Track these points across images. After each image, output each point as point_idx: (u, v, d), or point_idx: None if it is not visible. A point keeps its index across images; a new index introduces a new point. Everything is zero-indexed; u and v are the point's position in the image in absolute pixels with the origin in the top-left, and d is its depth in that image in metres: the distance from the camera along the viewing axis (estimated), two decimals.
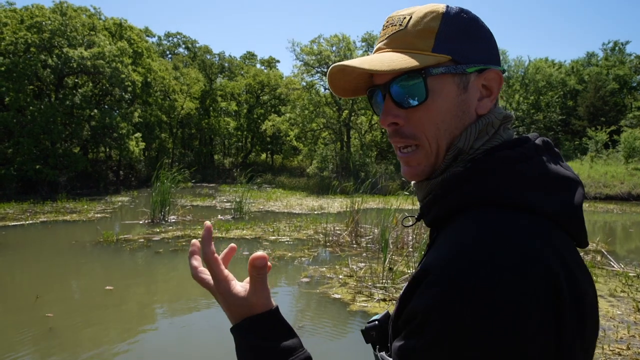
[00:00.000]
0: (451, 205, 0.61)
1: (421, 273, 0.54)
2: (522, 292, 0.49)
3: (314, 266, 7.06)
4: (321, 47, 27.10)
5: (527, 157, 0.60)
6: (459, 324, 0.49)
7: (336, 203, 16.52)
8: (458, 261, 0.52)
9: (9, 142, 20.54)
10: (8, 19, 22.51)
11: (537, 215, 0.56)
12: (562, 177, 0.60)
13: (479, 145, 0.64)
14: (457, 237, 0.55)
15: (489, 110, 0.65)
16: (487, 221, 0.55)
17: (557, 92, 36.75)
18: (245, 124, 39.00)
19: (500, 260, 0.50)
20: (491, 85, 0.66)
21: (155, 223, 11.46)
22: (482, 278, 0.49)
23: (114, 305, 5.35)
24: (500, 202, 0.57)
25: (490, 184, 0.58)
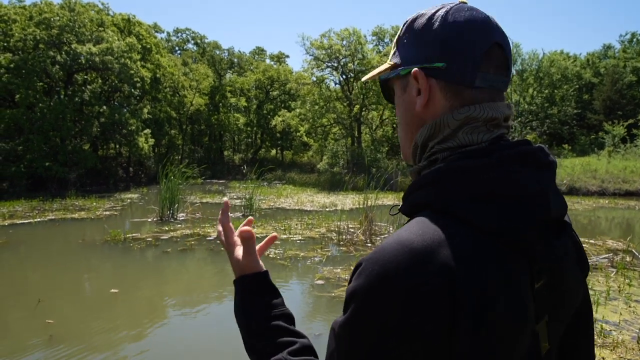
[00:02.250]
0: (411, 204, 0.65)
1: (359, 261, 0.59)
2: (398, 294, 0.53)
3: (328, 267, 6.73)
4: (331, 41, 26.64)
5: (482, 168, 0.60)
6: (350, 312, 0.57)
7: (348, 200, 16.17)
8: (371, 256, 0.57)
9: (20, 139, 20.49)
10: (17, 16, 22.45)
11: (475, 229, 0.57)
12: (516, 192, 0.59)
13: (433, 143, 0.67)
14: (393, 234, 0.59)
15: (423, 107, 0.68)
16: (417, 224, 0.58)
17: (572, 85, 35.89)
18: (255, 120, 38.71)
19: (392, 261, 0.54)
20: (419, 85, 0.68)
21: (164, 221, 11.23)
22: (372, 274, 0.55)
23: (118, 310, 5.08)
24: (441, 210, 0.59)
25: (437, 193, 0.61)
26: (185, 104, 34.05)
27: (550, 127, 34.46)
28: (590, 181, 20.65)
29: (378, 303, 0.54)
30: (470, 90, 0.66)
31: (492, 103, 0.66)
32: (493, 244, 0.57)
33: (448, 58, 0.65)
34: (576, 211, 14.14)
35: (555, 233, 0.64)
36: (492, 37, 0.66)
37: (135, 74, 24.38)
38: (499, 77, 0.67)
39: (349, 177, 23.31)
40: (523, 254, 0.59)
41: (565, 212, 0.67)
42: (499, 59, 0.67)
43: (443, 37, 0.66)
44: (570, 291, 0.68)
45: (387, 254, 0.55)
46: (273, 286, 0.84)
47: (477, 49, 0.65)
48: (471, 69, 0.65)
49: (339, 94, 28.13)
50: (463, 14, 0.66)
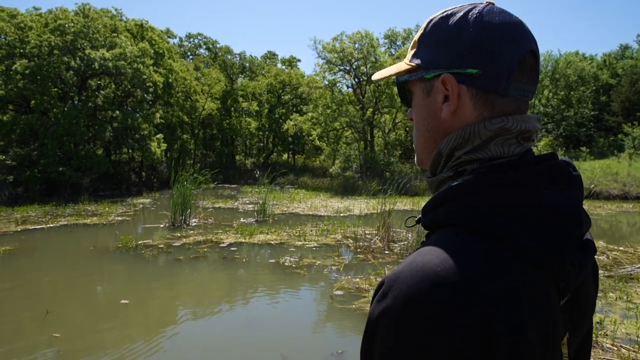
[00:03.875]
0: (434, 219, 0.62)
1: (381, 281, 0.56)
2: (424, 322, 0.50)
3: (347, 276, 6.45)
4: (344, 44, 26.42)
5: (514, 183, 0.57)
6: (373, 336, 0.54)
7: (362, 204, 15.86)
8: (396, 278, 0.53)
9: (34, 145, 20.59)
10: (33, 23, 22.64)
11: (504, 247, 0.54)
12: (548, 210, 0.56)
13: (460, 154, 0.64)
14: (417, 252, 0.56)
15: (451, 116, 0.64)
16: (443, 243, 0.55)
17: (589, 87, 35.17)
18: (266, 124, 38.61)
19: (415, 291, 0.51)
20: (448, 91, 0.64)
21: (176, 227, 11.05)
22: (397, 298, 0.51)
23: (128, 323, 4.86)
24: (469, 227, 0.56)
25: (465, 208, 0.57)
26: (198, 108, 34.09)
27: (566, 129, 33.79)
28: (611, 185, 20.06)
29: (405, 335, 0.50)
30: (502, 99, 0.62)
31: (524, 115, 0.64)
32: (524, 264, 0.54)
33: (483, 64, 0.61)
34: (598, 216, 13.66)
35: (583, 250, 0.61)
36: (527, 44, 0.62)
37: (148, 79, 24.42)
38: (530, 86, 0.64)
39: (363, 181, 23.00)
40: (553, 273, 0.56)
41: (589, 228, 0.63)
42: (531, 68, 0.63)
43: (478, 40, 0.61)
44: (589, 307, 0.68)
45: (413, 278, 0.52)
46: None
47: (513, 56, 0.61)
48: (506, 77, 0.61)
49: (352, 98, 27.88)
50: (497, 17, 0.62)
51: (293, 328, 4.80)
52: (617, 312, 4.82)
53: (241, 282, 6.50)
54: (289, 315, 5.19)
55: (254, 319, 5.00)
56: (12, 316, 5.07)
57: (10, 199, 17.51)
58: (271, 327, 4.80)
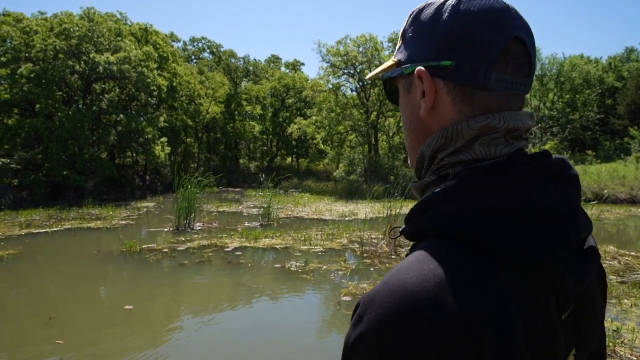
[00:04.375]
0: (416, 229, 0.56)
1: (357, 302, 0.52)
2: (400, 350, 0.45)
3: (354, 281, 6.35)
4: (348, 48, 26.38)
5: (500, 185, 0.52)
6: (348, 356, 0.50)
7: (367, 208, 15.75)
8: (371, 300, 0.49)
9: (39, 148, 20.61)
10: (39, 27, 22.73)
11: (493, 257, 0.49)
12: (539, 209, 0.51)
13: (443, 155, 0.59)
14: (396, 269, 0.51)
15: (428, 112, 0.60)
16: (425, 257, 0.50)
17: (594, 90, 34.97)
18: (270, 128, 38.61)
19: (392, 312, 0.46)
20: (423, 86, 0.59)
21: (180, 231, 10.98)
22: (372, 322, 0.47)
23: (132, 329, 4.77)
24: (453, 236, 0.51)
25: (448, 216, 0.52)
26: (201, 112, 34.11)
27: (571, 132, 33.60)
28: (618, 188, 19.87)
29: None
30: (483, 93, 0.56)
31: (514, 112, 0.57)
32: (516, 276, 0.49)
33: (458, 55, 0.56)
34: (607, 220, 13.49)
35: (583, 257, 0.55)
36: (511, 30, 0.56)
37: (152, 83, 24.44)
38: (518, 77, 0.57)
39: (367, 185, 22.90)
40: (548, 279, 0.50)
41: (590, 232, 0.58)
42: (519, 57, 0.57)
43: (453, 30, 0.57)
44: (596, 319, 0.62)
45: (388, 299, 0.47)
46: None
47: (492, 44, 0.55)
48: (485, 68, 0.55)
49: (356, 101, 27.82)
50: (477, 3, 0.56)
51: (299, 334, 4.70)
52: (634, 319, 4.70)
53: (246, 287, 6.41)
54: (294, 321, 5.09)
55: (259, 325, 4.91)
56: (15, 321, 5.00)
57: (14, 203, 17.51)
58: (277, 333, 4.70)
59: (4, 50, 21.46)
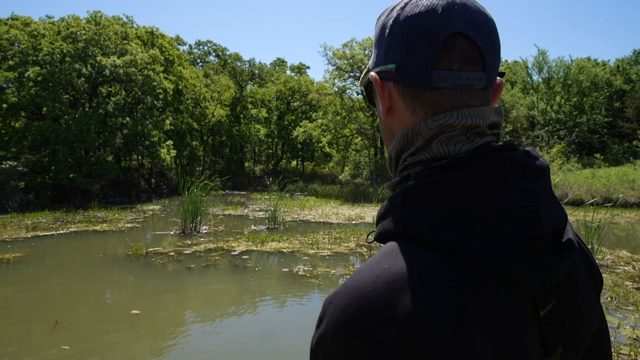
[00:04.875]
0: (380, 232, 0.57)
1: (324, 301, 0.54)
2: (350, 353, 0.46)
3: None
4: (354, 50, 26.33)
5: (453, 185, 0.52)
6: (311, 352, 0.52)
7: (374, 212, 15.62)
8: (331, 301, 0.51)
9: (46, 151, 20.67)
10: (46, 31, 22.85)
11: (451, 257, 0.49)
12: (492, 211, 0.50)
13: (406, 156, 0.60)
14: (357, 270, 0.53)
15: (385, 115, 0.62)
16: (381, 258, 0.51)
17: (602, 93, 34.68)
18: (275, 131, 38.59)
19: (344, 311, 0.48)
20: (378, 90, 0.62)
21: (187, 234, 10.91)
22: (329, 324, 0.49)
23: (139, 336, 4.69)
24: (413, 237, 0.52)
25: (406, 218, 0.53)
26: (207, 115, 34.15)
27: (579, 136, 33.30)
28: (628, 192, 19.63)
29: None
30: (430, 92, 0.57)
31: (473, 108, 0.57)
32: (477, 274, 0.48)
33: (399, 57, 0.58)
34: (617, 224, 13.30)
35: (556, 250, 0.53)
36: (450, 26, 0.55)
37: (158, 86, 24.48)
38: (468, 73, 0.56)
39: (373, 188, 22.78)
40: (513, 282, 0.49)
41: (565, 221, 0.56)
42: (465, 52, 0.56)
43: (395, 33, 0.59)
44: (585, 314, 0.59)
45: (343, 300, 0.49)
46: None
47: (429, 43, 0.55)
48: (424, 66, 0.56)
49: (362, 104, 27.73)
50: (421, 4, 0.57)
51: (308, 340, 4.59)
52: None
53: (253, 291, 6.32)
54: (303, 326, 4.99)
55: (267, 331, 4.81)
56: (21, 325, 4.94)
57: (21, 205, 17.54)
58: (285, 339, 4.60)
59: (12, 54, 21.58)
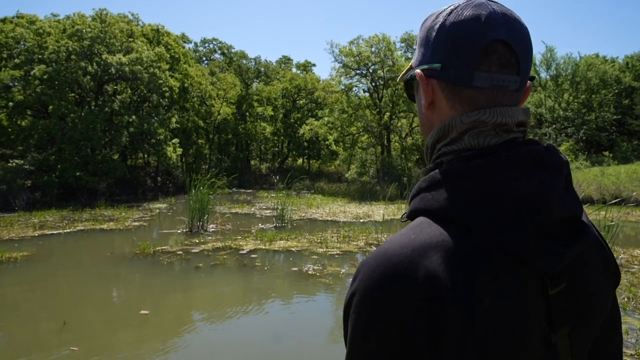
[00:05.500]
0: (411, 210, 0.65)
1: None
2: (378, 303, 0.55)
3: None
4: (360, 48, 26.12)
5: (476, 171, 0.59)
6: (346, 319, 0.60)
7: (381, 210, 15.48)
8: (363, 263, 0.59)
9: (52, 150, 20.66)
10: (51, 29, 22.83)
11: (469, 233, 0.56)
12: (510, 195, 0.57)
13: (440, 146, 0.67)
14: (387, 239, 0.62)
15: (427, 109, 0.69)
16: (408, 230, 0.60)
17: (611, 90, 34.26)
18: (282, 129, 38.46)
19: (372, 272, 0.56)
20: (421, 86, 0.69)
21: (194, 232, 10.82)
22: (360, 282, 0.57)
23: (149, 337, 4.59)
24: (437, 215, 0.59)
25: (434, 197, 0.61)
26: (213, 113, 34.08)
27: (587, 133, 32.93)
28: (638, 190, 19.37)
29: (360, 315, 0.56)
30: (469, 90, 0.64)
31: (504, 108, 0.64)
32: (490, 249, 0.56)
33: (444, 58, 0.65)
34: (628, 222, 13.08)
35: (566, 237, 0.60)
36: (492, 33, 0.62)
37: (164, 84, 24.41)
38: (505, 75, 0.63)
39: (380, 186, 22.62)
40: (523, 260, 0.56)
41: (580, 213, 0.63)
42: (503, 57, 0.63)
43: (441, 36, 0.66)
44: (595, 301, 0.65)
45: (372, 262, 0.57)
46: None
47: (473, 47, 0.62)
48: (467, 68, 0.63)
49: (368, 102, 27.55)
50: (466, 12, 0.64)
51: (320, 342, 4.48)
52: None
53: (263, 291, 6.21)
54: (315, 328, 4.87)
55: (279, 333, 4.70)
56: (30, 326, 4.85)
57: (28, 204, 17.54)
58: (297, 341, 4.49)
59: (17, 52, 21.59)
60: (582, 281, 0.63)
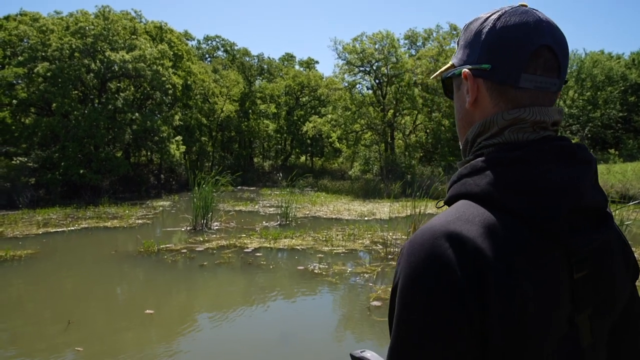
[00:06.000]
0: (451, 195, 0.71)
1: (403, 245, 0.67)
2: (421, 273, 0.59)
3: (382, 285, 6.04)
4: (364, 45, 25.96)
5: (516, 160, 0.65)
6: (395, 289, 0.64)
7: (385, 208, 15.38)
8: (412, 238, 0.63)
9: (55, 147, 20.64)
10: (55, 26, 22.78)
11: (508, 214, 0.62)
12: (545, 183, 0.63)
13: (481, 140, 0.72)
14: (432, 218, 0.66)
15: (471, 105, 0.73)
16: (451, 210, 0.65)
17: (617, 87, 33.98)
18: (285, 126, 38.35)
19: (418, 247, 0.61)
20: (468, 84, 0.73)
21: (197, 230, 10.77)
22: (409, 255, 0.61)
23: (154, 337, 4.53)
24: (478, 198, 0.65)
25: (475, 182, 0.66)
26: (216, 110, 34.00)
27: (592, 131, 32.68)
28: None
29: (411, 291, 0.60)
30: (515, 90, 0.69)
31: (543, 107, 0.69)
32: (526, 230, 0.61)
33: (494, 60, 0.69)
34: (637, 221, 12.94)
35: (594, 224, 0.67)
36: (540, 39, 0.67)
37: (167, 81, 24.34)
38: (548, 78, 0.69)
39: (384, 184, 22.51)
40: (555, 241, 0.62)
41: (605, 206, 0.69)
42: (547, 61, 0.68)
43: (490, 40, 0.70)
44: (615, 286, 0.70)
45: (418, 239, 0.62)
46: None
47: (523, 50, 0.67)
48: (516, 70, 0.68)
49: (372, 99, 27.42)
50: (514, 18, 0.69)
51: (328, 344, 4.41)
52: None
53: (269, 291, 6.14)
54: (323, 329, 4.80)
55: (288, 334, 4.63)
56: (34, 325, 4.81)
57: (32, 201, 17.53)
58: (305, 343, 4.42)
59: (21, 50, 21.56)
60: (604, 269, 0.68)
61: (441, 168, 24.08)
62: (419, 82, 25.40)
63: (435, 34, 29.40)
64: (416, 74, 25.32)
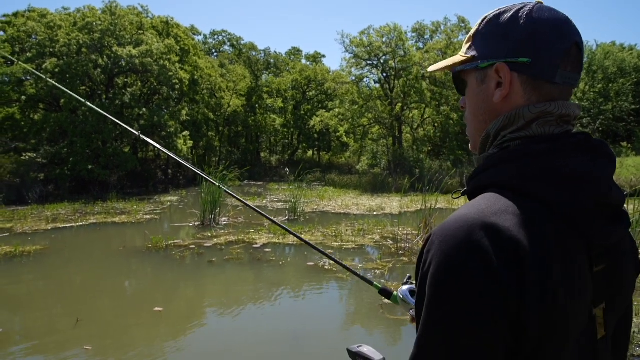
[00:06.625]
0: (476, 185, 0.71)
1: (428, 234, 0.65)
2: (462, 271, 0.57)
3: (394, 282, 5.94)
4: (371, 38, 25.70)
5: (544, 152, 0.66)
6: (425, 277, 0.61)
7: (394, 202, 15.26)
8: (441, 227, 0.62)
9: (64, 143, 20.70)
10: (62, 22, 22.80)
11: (536, 203, 0.62)
12: (572, 174, 0.64)
13: (506, 133, 0.72)
14: (460, 208, 0.65)
15: (502, 99, 0.72)
16: (481, 199, 0.64)
17: (629, 79, 33.39)
18: (292, 121, 38.21)
19: (451, 237, 0.59)
20: (501, 78, 0.71)
21: (205, 226, 10.72)
22: (441, 243, 0.60)
23: (163, 335, 4.47)
24: (506, 187, 0.65)
25: (504, 172, 0.67)
26: (223, 105, 33.95)
27: (603, 124, 32.19)
28: None
29: (446, 280, 0.58)
30: (549, 86, 0.70)
31: (566, 101, 0.71)
32: (553, 219, 0.61)
33: (534, 54, 0.69)
34: None
35: (614, 219, 0.68)
36: (573, 37, 0.70)
37: (174, 76, 24.31)
38: (574, 75, 0.71)
39: (393, 178, 22.35)
40: (580, 232, 0.62)
41: (623, 203, 0.70)
42: (576, 58, 0.71)
43: (530, 33, 0.69)
44: (625, 282, 0.73)
45: (449, 228, 0.60)
46: None
47: (560, 47, 0.69)
48: (553, 66, 0.69)
49: (379, 93, 27.18)
50: (546, 14, 0.70)
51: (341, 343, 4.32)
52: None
53: (279, 287, 6.07)
54: (335, 328, 4.72)
55: (300, 333, 4.55)
56: (44, 319, 4.79)
57: (41, 197, 17.62)
58: (318, 343, 4.33)
59: (29, 46, 21.61)
60: (618, 265, 0.70)
61: (450, 162, 23.83)
62: (427, 75, 25.11)
63: (444, 27, 29.03)
64: (424, 67, 25.05)
